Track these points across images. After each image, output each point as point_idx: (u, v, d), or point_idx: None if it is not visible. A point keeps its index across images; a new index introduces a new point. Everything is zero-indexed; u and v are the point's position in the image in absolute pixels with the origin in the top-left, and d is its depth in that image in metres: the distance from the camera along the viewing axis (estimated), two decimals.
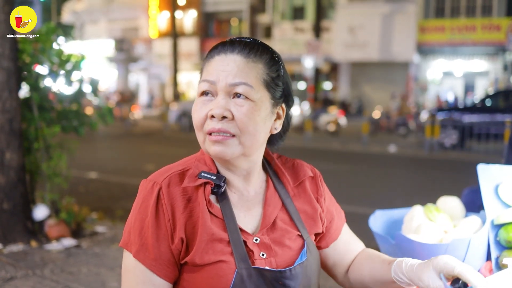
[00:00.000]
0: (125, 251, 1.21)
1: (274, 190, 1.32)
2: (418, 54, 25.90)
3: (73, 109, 5.32)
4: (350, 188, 8.42)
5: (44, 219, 4.91)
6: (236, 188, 1.28)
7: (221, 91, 1.18)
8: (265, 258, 1.22)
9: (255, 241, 1.23)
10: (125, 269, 1.21)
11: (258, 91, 1.19)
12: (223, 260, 1.17)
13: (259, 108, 1.19)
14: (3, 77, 4.52)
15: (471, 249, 1.54)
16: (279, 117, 1.28)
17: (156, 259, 1.17)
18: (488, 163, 1.77)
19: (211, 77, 1.19)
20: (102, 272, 4.20)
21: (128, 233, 1.21)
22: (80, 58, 5.24)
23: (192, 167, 1.25)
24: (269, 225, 1.27)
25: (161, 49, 32.88)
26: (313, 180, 1.40)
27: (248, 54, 1.20)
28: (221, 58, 1.20)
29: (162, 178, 1.21)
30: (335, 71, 28.92)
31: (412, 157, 12.95)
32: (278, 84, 1.25)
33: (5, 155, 4.59)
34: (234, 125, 1.17)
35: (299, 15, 29.81)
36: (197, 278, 1.18)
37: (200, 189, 1.21)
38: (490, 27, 23.83)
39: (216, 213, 1.21)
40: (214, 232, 1.18)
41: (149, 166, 10.27)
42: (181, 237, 1.17)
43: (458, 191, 2.37)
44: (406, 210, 1.91)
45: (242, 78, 1.17)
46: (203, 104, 1.20)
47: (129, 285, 1.19)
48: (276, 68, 1.25)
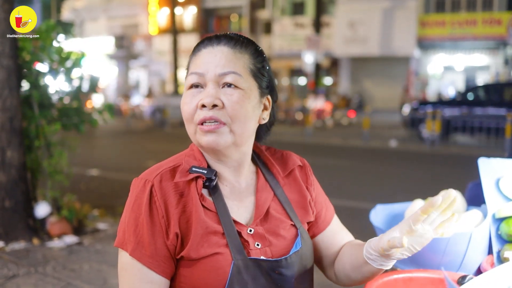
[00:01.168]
0: (121, 250, 1.21)
1: (265, 181, 1.34)
2: (418, 48, 25.87)
3: (74, 107, 5.32)
4: (351, 183, 8.42)
5: (46, 217, 4.92)
6: (228, 181, 1.29)
7: (210, 82, 1.20)
8: (260, 248, 1.23)
9: (249, 232, 1.24)
10: (121, 268, 1.21)
11: (247, 80, 1.22)
12: (219, 252, 1.18)
13: (249, 96, 1.22)
14: (3, 75, 4.52)
15: (472, 243, 1.54)
16: (266, 108, 1.31)
17: (153, 256, 1.17)
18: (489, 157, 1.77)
19: (200, 69, 1.21)
20: (104, 269, 4.21)
21: (122, 232, 1.21)
22: (80, 56, 5.25)
23: (183, 163, 1.27)
24: (262, 215, 1.28)
25: (161, 46, 32.87)
26: (302, 169, 1.42)
27: (235, 45, 1.24)
28: (208, 51, 1.23)
29: (154, 175, 1.22)
30: (336, 66, 28.90)
31: (414, 151, 12.94)
32: (264, 74, 1.28)
33: (6, 153, 4.60)
34: (225, 113, 1.18)
35: (299, 10, 29.77)
36: (193, 272, 1.18)
37: (192, 184, 1.22)
38: (490, 21, 23.79)
39: (209, 206, 1.22)
40: (208, 225, 1.19)
41: (150, 163, 10.27)
42: (175, 232, 1.18)
43: (454, 185, 2.36)
44: (407, 204, 1.91)
45: (230, 67, 1.20)
46: (192, 96, 1.22)
47: (127, 283, 1.19)
48: (261, 59, 1.28)
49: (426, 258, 1.57)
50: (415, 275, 1.37)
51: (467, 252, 1.54)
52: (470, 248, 1.55)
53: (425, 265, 1.57)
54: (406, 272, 1.39)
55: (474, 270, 1.58)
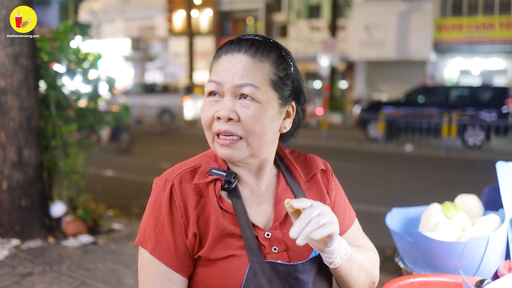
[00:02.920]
0: (141, 248, 1.23)
1: (286, 184, 1.33)
2: (435, 52, 25.66)
3: (90, 107, 5.37)
4: (367, 187, 8.38)
5: (61, 216, 4.97)
6: (247, 184, 1.29)
7: (227, 93, 1.18)
8: (277, 253, 1.23)
9: (267, 236, 1.24)
10: (141, 266, 1.22)
11: (265, 92, 1.18)
12: (235, 254, 1.18)
13: (266, 110, 1.18)
14: (21, 75, 4.57)
15: (489, 247, 1.52)
16: (289, 116, 1.28)
17: (172, 254, 1.18)
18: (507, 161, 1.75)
19: (218, 78, 1.19)
20: (118, 269, 4.23)
21: (143, 230, 1.23)
22: (97, 57, 5.29)
23: (203, 164, 1.27)
24: (281, 219, 1.27)
25: (177, 48, 32.98)
26: (324, 174, 1.39)
27: (255, 53, 1.19)
28: (228, 58, 1.20)
29: (174, 175, 1.23)
30: (351, 69, 28.77)
31: (429, 156, 12.85)
32: (286, 83, 1.24)
33: (23, 153, 4.65)
34: (241, 127, 1.17)
35: (315, 13, 29.70)
36: (210, 272, 1.19)
37: (211, 185, 1.23)
38: (508, 24, 23.53)
39: (227, 208, 1.22)
40: (226, 227, 1.19)
41: (165, 164, 10.32)
42: (194, 232, 1.19)
43: (467, 190, 2.34)
44: (424, 208, 1.90)
45: (248, 79, 1.17)
46: (210, 105, 1.21)
47: (146, 281, 1.20)
48: (284, 66, 1.23)
49: (443, 262, 1.56)
50: (431, 279, 1.36)
51: (484, 256, 1.53)
52: (487, 253, 1.53)
53: (441, 269, 1.56)
54: (422, 276, 1.38)
55: (491, 275, 1.56)
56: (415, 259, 1.67)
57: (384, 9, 25.26)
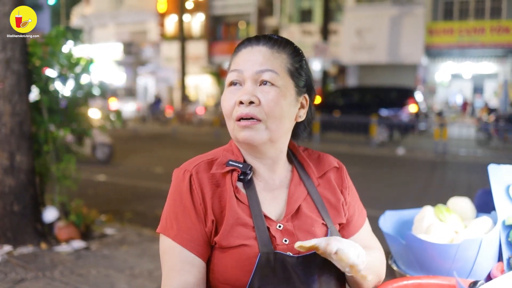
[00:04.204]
0: (162, 236, 1.29)
1: (299, 179, 1.37)
2: (426, 56, 25.80)
3: (83, 112, 5.35)
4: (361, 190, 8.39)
5: (54, 221, 4.94)
6: (262, 177, 1.34)
7: (248, 79, 1.26)
8: (287, 244, 1.27)
9: (279, 228, 1.28)
10: (163, 253, 1.28)
11: (283, 78, 1.27)
12: (246, 244, 1.23)
13: (284, 94, 1.27)
14: (13, 80, 4.55)
15: (482, 249, 1.53)
16: (303, 107, 1.36)
17: (193, 240, 1.25)
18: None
19: (239, 66, 1.28)
20: (111, 274, 4.21)
21: (165, 219, 1.29)
22: (89, 62, 5.28)
23: (220, 156, 1.34)
24: (293, 212, 1.32)
25: (169, 52, 32.96)
26: (338, 172, 1.44)
27: (273, 45, 1.29)
28: (247, 50, 1.29)
29: (192, 166, 1.30)
30: (343, 73, 28.85)
31: (420, 159, 12.91)
32: (301, 74, 1.33)
33: (15, 158, 4.62)
34: (261, 110, 1.24)
35: (306, 18, 29.78)
36: (223, 259, 1.25)
37: (227, 176, 1.30)
38: (499, 29, 23.71)
39: (242, 199, 1.28)
40: (240, 217, 1.25)
41: (158, 169, 10.29)
42: (212, 219, 1.25)
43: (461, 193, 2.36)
44: (416, 211, 1.91)
45: (268, 65, 1.26)
46: (231, 93, 1.29)
47: (169, 265, 1.26)
48: (298, 59, 1.33)
49: (436, 264, 1.57)
50: (425, 282, 1.36)
51: (477, 258, 1.54)
52: (480, 255, 1.54)
53: (435, 271, 1.57)
54: (416, 278, 1.38)
55: (484, 277, 1.57)
56: (409, 262, 1.68)
57: (376, 13, 25.38)
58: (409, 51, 24.66)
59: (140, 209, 6.75)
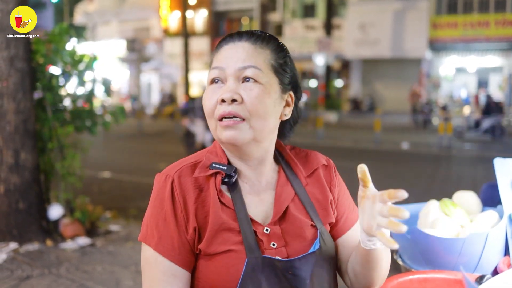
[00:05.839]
0: (144, 245, 1.22)
1: (286, 180, 1.32)
2: (430, 50, 25.71)
3: (86, 109, 5.36)
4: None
5: (59, 219, 4.96)
6: (248, 178, 1.28)
7: (230, 77, 1.20)
8: (275, 248, 1.22)
9: (266, 231, 1.23)
10: (145, 262, 1.22)
11: (267, 74, 1.21)
12: (233, 249, 1.18)
13: (269, 91, 1.20)
14: (17, 78, 4.56)
15: (488, 243, 1.52)
16: (288, 105, 1.29)
17: (175, 250, 1.19)
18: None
19: (220, 63, 1.22)
20: (116, 270, 4.22)
21: (146, 226, 1.23)
22: (92, 59, 5.28)
23: (204, 159, 1.27)
24: (280, 213, 1.26)
25: (172, 49, 32.94)
26: (326, 169, 1.38)
27: (255, 41, 1.23)
28: (229, 47, 1.23)
29: (174, 171, 1.23)
30: (347, 68, 28.79)
31: (425, 154, 12.89)
32: (286, 70, 1.26)
33: (20, 156, 4.63)
34: (244, 108, 1.18)
35: (310, 13, 29.72)
36: (209, 267, 1.19)
37: (211, 179, 1.23)
38: (503, 22, 23.60)
39: (227, 203, 1.22)
40: (224, 222, 1.19)
41: (162, 165, 10.30)
42: (194, 227, 1.19)
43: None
44: (421, 205, 1.90)
45: (250, 62, 1.20)
46: (213, 91, 1.22)
47: (151, 277, 1.20)
48: (283, 55, 1.27)
49: (442, 258, 1.56)
50: (430, 276, 1.36)
51: (483, 253, 1.53)
52: (486, 249, 1.53)
53: (440, 266, 1.56)
54: (421, 273, 1.38)
55: (491, 271, 1.56)
56: (414, 256, 1.67)
57: (379, 8, 25.30)
58: (413, 45, 24.58)
59: (145, 205, 6.69)
